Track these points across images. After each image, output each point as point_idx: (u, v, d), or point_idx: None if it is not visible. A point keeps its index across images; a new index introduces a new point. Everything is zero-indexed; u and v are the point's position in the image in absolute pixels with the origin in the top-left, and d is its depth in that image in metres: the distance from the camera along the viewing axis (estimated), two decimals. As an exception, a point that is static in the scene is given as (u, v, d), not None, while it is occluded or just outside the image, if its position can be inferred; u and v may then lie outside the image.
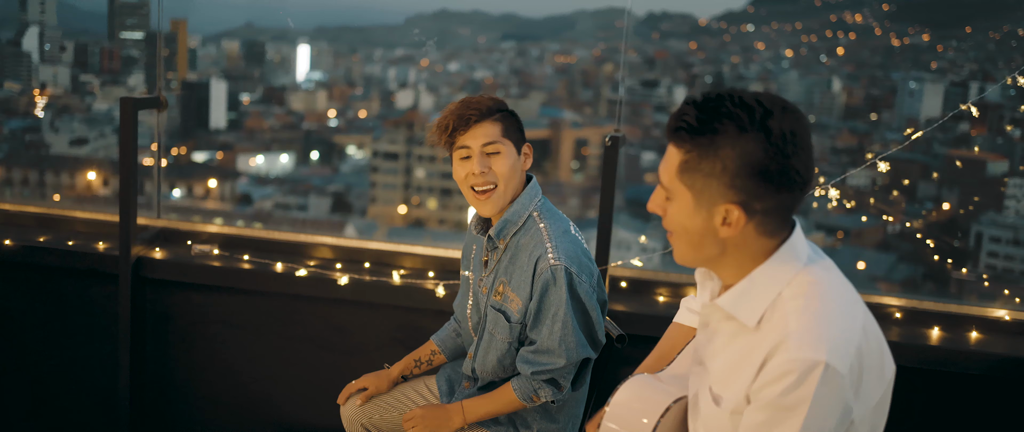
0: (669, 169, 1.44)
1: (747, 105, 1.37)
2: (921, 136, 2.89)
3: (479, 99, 2.15)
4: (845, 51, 55.54)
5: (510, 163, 2.14)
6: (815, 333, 1.36)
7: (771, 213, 1.42)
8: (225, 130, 50.57)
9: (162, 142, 3.47)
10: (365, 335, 3.12)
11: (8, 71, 44.28)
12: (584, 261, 2.13)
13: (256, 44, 56.04)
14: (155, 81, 3.54)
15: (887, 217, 23.17)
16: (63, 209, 3.42)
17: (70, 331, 3.27)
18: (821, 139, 45.88)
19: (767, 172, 1.36)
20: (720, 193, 1.39)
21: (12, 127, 42.21)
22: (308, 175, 49.18)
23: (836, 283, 1.46)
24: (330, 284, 3.05)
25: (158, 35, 3.48)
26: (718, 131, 1.37)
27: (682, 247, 1.48)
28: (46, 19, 45.62)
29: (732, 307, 1.47)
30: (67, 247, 3.19)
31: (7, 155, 41.21)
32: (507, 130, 2.15)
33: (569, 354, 2.08)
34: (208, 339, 3.22)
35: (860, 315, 1.44)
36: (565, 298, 2.06)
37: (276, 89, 55.21)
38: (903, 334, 2.82)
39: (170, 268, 3.14)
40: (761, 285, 1.45)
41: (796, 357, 1.34)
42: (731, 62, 56.62)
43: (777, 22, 56.83)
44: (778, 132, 1.36)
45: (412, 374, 2.48)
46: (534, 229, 2.15)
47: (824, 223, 37.73)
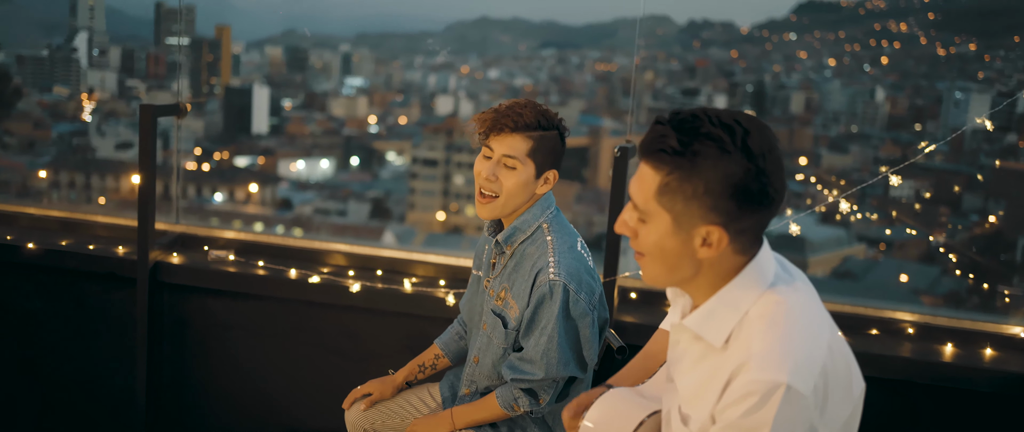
0: (645, 191, 1.41)
1: (727, 125, 1.36)
2: (965, 147, 2.86)
3: (525, 111, 2.12)
4: (889, 60, 54.65)
5: (521, 181, 2.13)
6: (777, 354, 1.35)
7: (748, 232, 1.41)
8: (267, 135, 51.12)
9: (179, 148, 3.53)
10: (376, 342, 3.15)
11: (58, 76, 45.13)
12: (585, 278, 2.12)
13: (298, 50, 56.62)
14: (199, 86, 3.60)
15: (910, 231, 22.85)
16: (86, 213, 3.49)
17: (90, 333, 3.33)
18: (863, 149, 45.24)
19: (748, 192, 1.35)
20: (701, 215, 1.37)
21: (60, 131, 43.02)
22: (348, 181, 49.55)
23: (802, 302, 1.44)
24: (342, 291, 3.08)
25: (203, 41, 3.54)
26: (699, 153, 1.35)
27: (656, 269, 1.46)
28: (95, 25, 46.43)
29: (699, 327, 1.46)
30: (88, 251, 3.26)
31: (55, 158, 42.01)
32: (535, 150, 2.13)
33: (549, 369, 2.09)
34: (223, 343, 3.27)
35: (826, 334, 1.42)
36: (557, 314, 2.07)
37: (317, 95, 55.70)
38: (916, 350, 2.78)
39: (187, 273, 3.19)
40: (727, 305, 1.44)
41: (757, 378, 1.34)
42: (773, 71, 55.96)
43: (820, 31, 56.06)
44: (758, 151, 1.35)
45: (416, 380, 2.50)
46: (541, 240, 2.16)
47: (865, 235, 37.22)
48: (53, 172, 40.32)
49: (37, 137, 42.53)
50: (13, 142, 42.26)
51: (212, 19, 41.74)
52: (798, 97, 53.75)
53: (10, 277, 3.34)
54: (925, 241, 36.10)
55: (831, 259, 35.88)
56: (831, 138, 47.92)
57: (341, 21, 49.68)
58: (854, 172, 43.45)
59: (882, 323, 2.90)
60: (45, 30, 48.72)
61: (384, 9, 49.27)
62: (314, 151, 49.96)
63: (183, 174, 3.24)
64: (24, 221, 3.53)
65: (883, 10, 60.88)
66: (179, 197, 3.57)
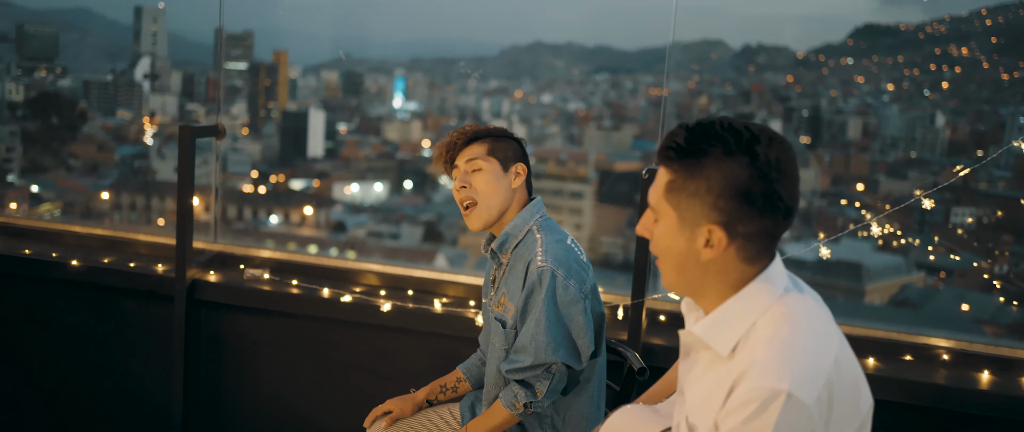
0: (657, 190, 1.47)
1: (735, 130, 1.41)
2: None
3: (470, 126, 2.29)
4: (950, 85, 53.71)
5: (491, 179, 2.23)
6: (779, 362, 1.35)
7: (753, 238, 1.42)
8: (322, 158, 51.76)
9: (218, 169, 3.60)
10: (406, 361, 3.17)
11: (121, 100, 46.24)
12: (574, 267, 2.16)
13: (354, 75, 57.36)
14: (256, 110, 3.70)
15: (955, 257, 22.26)
16: (127, 232, 3.58)
17: (129, 349, 3.41)
18: (923, 175, 44.37)
19: (750, 195, 1.38)
20: (703, 213, 1.41)
21: (123, 153, 44.02)
22: (401, 204, 49.92)
23: (810, 314, 1.44)
24: (374, 310, 3.11)
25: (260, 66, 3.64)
26: (705, 152, 1.40)
27: (668, 271, 1.49)
28: (157, 50, 47.58)
29: (706, 335, 1.47)
30: (128, 269, 3.34)
31: (117, 181, 43.00)
32: (493, 149, 2.26)
33: (537, 353, 2.11)
34: (256, 359, 3.32)
35: (833, 347, 1.41)
36: (544, 298, 2.11)
37: (372, 119, 56.30)
38: (950, 377, 2.73)
39: (223, 291, 3.25)
40: (735, 314, 1.45)
41: (758, 386, 1.34)
42: (829, 96, 55.48)
43: (878, 55, 55.24)
44: (763, 157, 1.39)
45: (437, 399, 2.52)
46: (531, 240, 2.22)
47: (925, 263, 36.40)
48: (115, 194, 41.24)
49: (100, 160, 43.58)
50: (78, 165, 43.36)
51: (270, 44, 42.42)
52: (855, 122, 53.11)
53: (54, 293, 3.43)
54: (987, 269, 35.15)
55: (889, 287, 35.11)
56: (889, 164, 47.09)
57: (396, 46, 50.33)
58: (912, 199, 42.51)
59: (916, 349, 2.84)
60: (109, 56, 50.06)
61: (439, 34, 49.97)
62: (368, 174, 50.44)
63: (240, 197, 3.32)
64: (69, 239, 3.63)
65: (944, 34, 60.02)
66: (218, 217, 3.64)
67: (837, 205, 35.74)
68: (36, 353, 3.49)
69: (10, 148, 36.76)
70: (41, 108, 43.39)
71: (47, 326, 3.46)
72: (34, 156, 43.41)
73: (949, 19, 54.11)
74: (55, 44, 44.86)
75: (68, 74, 48.02)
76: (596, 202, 38.20)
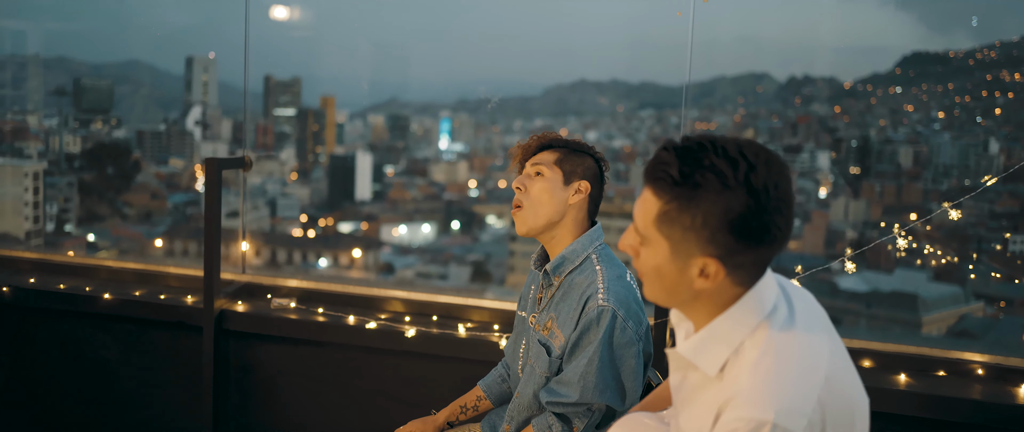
0: (646, 216, 1.40)
1: (731, 158, 1.33)
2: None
3: (552, 133, 2.23)
4: (1002, 111, 52.81)
5: (547, 189, 2.16)
6: (764, 391, 1.31)
7: (748, 266, 1.37)
8: (370, 201, 52.22)
9: (245, 200, 3.65)
10: (432, 386, 3.16)
11: (173, 148, 47.20)
12: (634, 308, 2.10)
13: (400, 118, 57.94)
14: (305, 155, 3.78)
15: (995, 274, 21.71)
16: (158, 265, 3.63)
17: (160, 380, 3.44)
18: (979, 203, 43.52)
19: (747, 228, 1.32)
20: (698, 247, 1.35)
21: (175, 201, 44.86)
22: (449, 244, 50.09)
23: (799, 333, 1.39)
24: (399, 337, 3.11)
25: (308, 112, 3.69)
26: (700, 185, 1.32)
27: (655, 290, 1.44)
28: (208, 99, 48.57)
29: (692, 355, 1.43)
30: (159, 301, 3.38)
31: (170, 228, 43.77)
32: (563, 161, 2.18)
33: (585, 392, 2.05)
34: (284, 388, 3.33)
35: (822, 367, 1.36)
36: (602, 338, 2.04)
37: (419, 161, 56.76)
38: (986, 392, 2.65)
39: (250, 321, 3.28)
40: (722, 334, 1.40)
41: (743, 415, 1.29)
42: (878, 125, 54.80)
43: (927, 83, 54.64)
44: (761, 187, 1.32)
45: (458, 420, 2.49)
46: (590, 270, 2.14)
47: (984, 292, 35.55)
48: (168, 240, 42.00)
49: (154, 207, 44.45)
50: (132, 213, 44.26)
51: (318, 90, 43.12)
52: (906, 151, 52.28)
53: (86, 326, 3.48)
54: (1048, 297, 34.18)
55: (947, 318, 34.30)
56: (942, 192, 46.22)
57: (441, 88, 50.87)
58: (968, 228, 41.84)
59: (949, 364, 2.77)
60: (162, 106, 51.25)
61: (483, 75, 50.39)
62: (416, 216, 50.75)
63: (289, 240, 3.37)
64: (103, 273, 3.69)
65: (994, 60, 59.22)
66: (288, 261, 3.68)
67: (889, 236, 35.10)
68: (70, 386, 3.54)
69: (68, 198, 37.66)
70: (97, 159, 44.44)
71: (81, 359, 3.51)
72: (90, 206, 44.42)
73: (999, 44, 53.37)
74: (110, 96, 46.01)
75: (123, 125, 49.24)
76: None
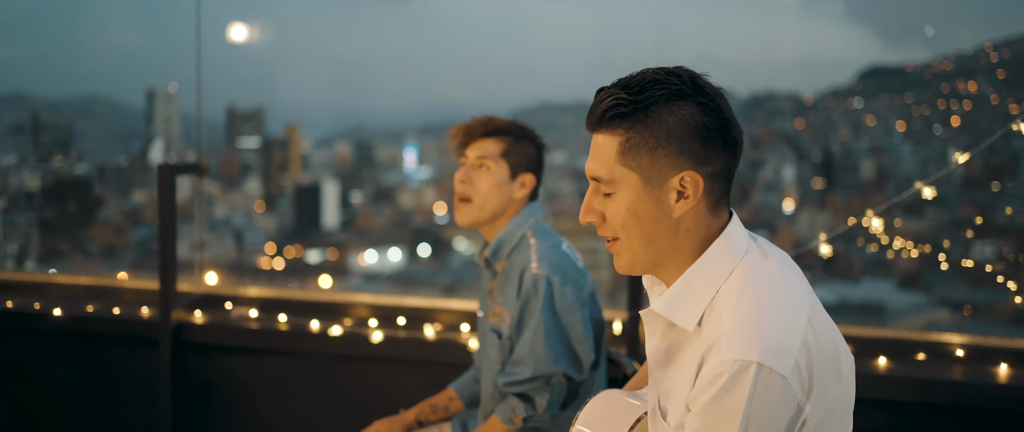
0: (606, 159, 1.34)
1: (672, 72, 1.34)
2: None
3: (497, 119, 2.17)
4: (961, 121, 53.70)
5: (494, 183, 2.12)
6: (747, 332, 1.24)
7: (718, 178, 1.34)
8: (338, 230, 51.92)
9: (201, 207, 3.54)
10: (402, 392, 3.04)
11: (137, 182, 46.75)
12: (571, 273, 2.06)
13: (366, 144, 57.92)
14: (270, 186, 3.74)
15: (979, 290, 21.97)
16: (111, 279, 3.50)
17: (116, 399, 3.30)
18: (940, 211, 44.08)
19: (709, 130, 1.31)
20: (670, 164, 1.32)
21: (139, 236, 44.29)
22: (418, 270, 49.84)
23: (777, 274, 1.33)
24: (365, 342, 3.01)
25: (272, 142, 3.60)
26: (654, 101, 1.31)
27: (634, 245, 1.35)
28: (170, 130, 48.22)
29: (668, 311, 1.35)
30: (112, 315, 3.25)
31: (134, 263, 43.19)
32: (508, 152, 2.14)
33: (537, 364, 1.99)
34: (248, 401, 3.20)
35: (805, 307, 1.30)
36: (542, 306, 2.00)
37: (385, 187, 56.67)
38: (967, 373, 2.60)
39: (210, 332, 3.16)
40: (696, 284, 1.34)
41: (726, 359, 1.22)
42: (840, 139, 55.47)
43: (886, 95, 55.40)
44: (710, 90, 1.33)
45: (428, 420, 2.40)
46: (525, 246, 2.12)
47: (949, 298, 35.94)
48: (132, 275, 41.46)
49: (118, 243, 44.01)
50: (94, 249, 43.79)
51: (281, 117, 43.06)
52: (868, 163, 53.05)
53: (38, 346, 3.34)
54: (1012, 302, 34.59)
55: (913, 325, 34.58)
56: (905, 203, 46.83)
57: (406, 113, 50.94)
58: (931, 236, 42.53)
59: (929, 347, 2.71)
60: (123, 140, 50.87)
61: (448, 99, 50.36)
62: (384, 242, 50.61)
63: (257, 272, 3.27)
64: (53, 290, 3.55)
65: (950, 71, 60.56)
66: (205, 261, 3.57)
67: (855, 247, 35.56)
68: (20, 408, 3.38)
69: (27, 236, 37.07)
70: (57, 195, 43.81)
71: (31, 380, 3.36)
72: (51, 242, 43.66)
73: (954, 56, 54.44)
74: (70, 131, 45.53)
75: (83, 160, 48.63)
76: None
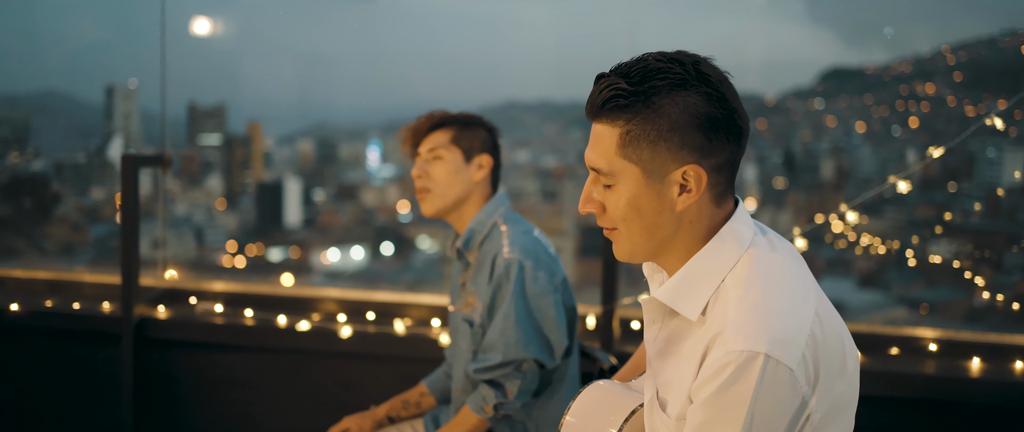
0: (606, 150, 1.29)
1: (675, 59, 1.27)
2: (1005, 206, 2.86)
3: (441, 112, 2.17)
4: (919, 123, 54.50)
5: (449, 170, 2.11)
6: (755, 322, 1.20)
7: (723, 170, 1.29)
8: (300, 228, 51.54)
9: (164, 200, 3.47)
10: (372, 387, 2.99)
11: (95, 179, 46.04)
12: (543, 258, 2.04)
13: (329, 142, 57.57)
14: (232, 183, 3.68)
15: (936, 289, 22.29)
16: (72, 273, 3.41)
17: (77, 395, 3.21)
18: (898, 212, 44.72)
19: (714, 120, 1.26)
20: (672, 157, 1.26)
21: (97, 233, 43.64)
22: (381, 268, 49.64)
23: (784, 264, 1.30)
24: (334, 337, 2.96)
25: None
26: (656, 90, 1.25)
27: (635, 236, 1.31)
28: (130, 127, 47.56)
29: (671, 299, 1.31)
30: (72, 310, 3.17)
31: (92, 261, 42.53)
32: (458, 138, 2.13)
33: (508, 349, 1.97)
34: (213, 399, 3.13)
35: (812, 299, 1.27)
36: (514, 290, 1.98)
37: (348, 186, 56.36)
38: (941, 367, 2.60)
39: (174, 327, 3.09)
40: (701, 273, 1.30)
41: (733, 349, 1.19)
42: (801, 139, 55.98)
43: (846, 96, 56.00)
44: (715, 78, 1.27)
45: (399, 416, 2.36)
46: (496, 234, 2.10)
47: (907, 297, 36.44)
48: (91, 273, 40.88)
49: (76, 240, 43.31)
50: (51, 247, 43.05)
51: (244, 114, 42.73)
52: (828, 163, 53.59)
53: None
54: (969, 301, 35.17)
55: (872, 323, 35.05)
56: (864, 203, 47.46)
57: (370, 111, 50.58)
58: (889, 235, 43.14)
59: (902, 341, 2.72)
60: (81, 136, 50.09)
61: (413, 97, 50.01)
62: (346, 240, 50.31)
63: (219, 269, 3.20)
64: (11, 285, 3.46)
65: (908, 74, 61.44)
66: (165, 250, 3.49)
67: (817, 246, 35.99)
68: (-21, 407, 3.28)
69: (-18, 233, 36.40)
70: (13, 192, 43.01)
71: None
72: (7, 241, 42.89)
73: (913, 58, 55.20)
74: (26, 127, 44.74)
75: (40, 156, 47.80)
76: (578, 257, 38.23)
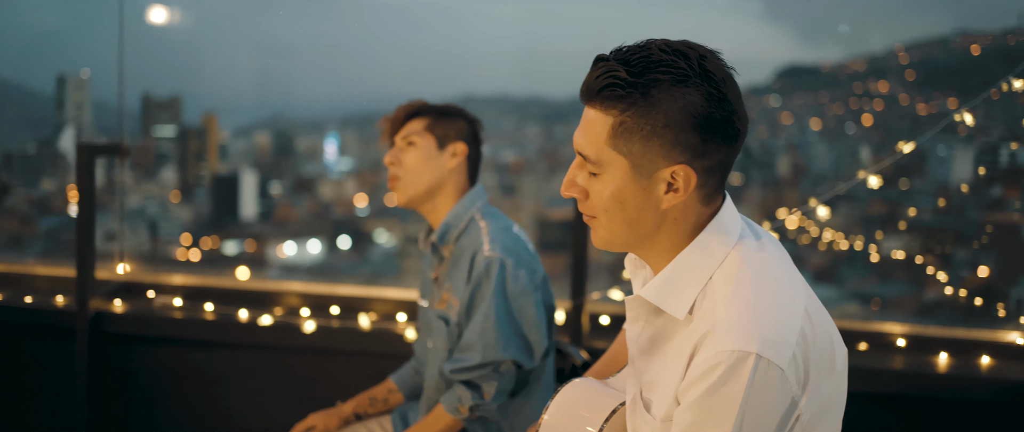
0: (596, 138, 1.23)
1: (679, 50, 1.20)
2: (954, 203, 2.86)
3: (420, 101, 2.13)
4: (872, 120, 55.35)
5: (421, 156, 2.07)
6: (745, 322, 1.17)
7: (714, 172, 1.24)
8: (256, 221, 50.99)
9: (121, 192, 3.38)
10: (336, 383, 2.93)
11: (45, 170, 45.13)
12: (524, 256, 2.01)
13: (286, 134, 57.03)
14: (187, 176, 3.57)
15: (886, 285, 22.69)
16: (24, 265, 3.31)
17: (29, 391, 3.11)
18: (851, 209, 45.39)
19: (712, 121, 1.20)
20: (663, 155, 1.21)
21: (48, 225, 42.80)
22: (337, 262, 49.30)
23: (773, 262, 1.26)
24: (296, 332, 2.89)
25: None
26: (656, 83, 1.19)
27: (614, 227, 1.26)
28: (82, 118, 46.70)
29: (658, 298, 1.27)
30: (23, 304, 3.06)
31: (42, 253, 41.70)
32: (433, 125, 2.09)
33: (487, 350, 1.92)
34: (171, 395, 3.05)
35: (801, 297, 1.24)
36: (493, 290, 1.94)
37: (305, 179, 55.88)
38: (909, 362, 2.60)
39: (130, 322, 3.00)
40: (688, 270, 1.26)
41: (723, 349, 1.15)
42: (758, 136, 56.58)
43: (802, 94, 56.52)
44: (719, 76, 1.20)
45: (367, 413, 2.30)
46: (475, 229, 2.05)
47: (859, 291, 36.97)
48: (42, 267, 40.03)
49: (24, 232, 42.41)
50: (0, 239, 42.12)
51: (199, 105, 42.15)
52: (784, 160, 54.25)
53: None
54: (917, 297, 35.76)
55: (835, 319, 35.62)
56: (819, 200, 48.17)
57: (327, 104, 50.12)
58: (843, 231, 43.69)
59: (871, 337, 2.72)
60: (32, 126, 49.05)
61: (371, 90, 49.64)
62: (303, 234, 49.86)
63: (173, 263, 3.11)
64: (-40, 277, 3.34)
65: (862, 72, 62.32)
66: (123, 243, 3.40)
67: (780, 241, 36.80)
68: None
69: (-73, 225, 35.56)
70: (-40, 183, 42.05)
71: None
72: (-47, 232, 41.92)
73: (867, 57, 55.98)
74: (-27, 117, 43.80)
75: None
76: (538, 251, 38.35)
